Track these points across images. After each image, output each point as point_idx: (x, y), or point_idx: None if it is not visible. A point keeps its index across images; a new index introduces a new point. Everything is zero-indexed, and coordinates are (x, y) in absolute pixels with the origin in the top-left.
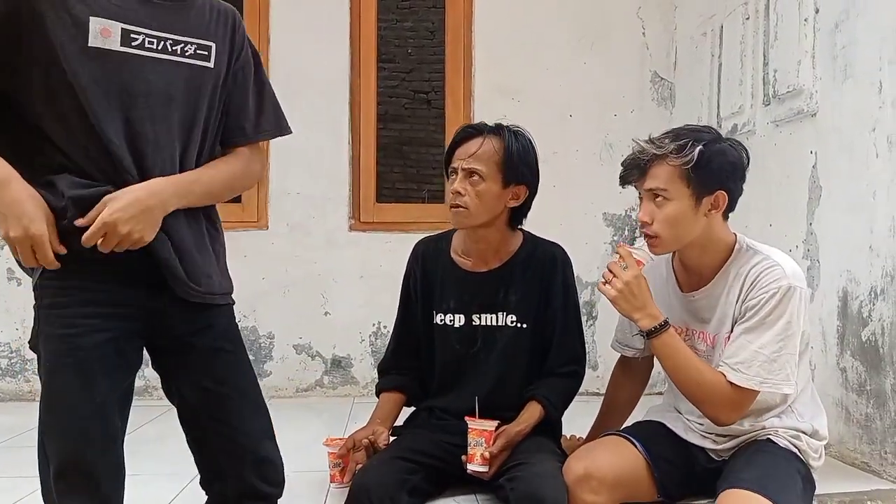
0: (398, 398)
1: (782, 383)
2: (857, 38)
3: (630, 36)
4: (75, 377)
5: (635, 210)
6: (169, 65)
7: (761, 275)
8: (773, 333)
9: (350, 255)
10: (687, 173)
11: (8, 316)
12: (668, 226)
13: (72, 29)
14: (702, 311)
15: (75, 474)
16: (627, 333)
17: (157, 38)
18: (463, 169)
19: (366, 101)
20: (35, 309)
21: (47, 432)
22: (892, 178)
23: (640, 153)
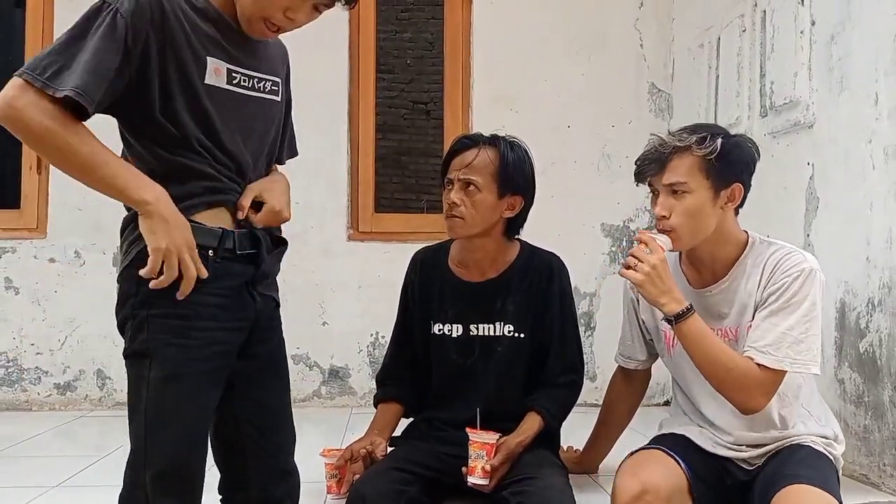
0: (396, 409)
1: (811, 363)
2: (852, 49)
3: (628, 47)
4: (191, 387)
5: (633, 221)
6: (256, 101)
7: (783, 259)
8: (799, 315)
9: (348, 264)
10: (708, 164)
11: (5, 325)
12: (687, 218)
13: (193, 65)
14: (718, 306)
15: (177, 478)
16: (630, 345)
17: (248, 77)
18: (459, 179)
19: (364, 111)
20: (133, 314)
21: (153, 435)
22: (889, 190)
23: (662, 146)
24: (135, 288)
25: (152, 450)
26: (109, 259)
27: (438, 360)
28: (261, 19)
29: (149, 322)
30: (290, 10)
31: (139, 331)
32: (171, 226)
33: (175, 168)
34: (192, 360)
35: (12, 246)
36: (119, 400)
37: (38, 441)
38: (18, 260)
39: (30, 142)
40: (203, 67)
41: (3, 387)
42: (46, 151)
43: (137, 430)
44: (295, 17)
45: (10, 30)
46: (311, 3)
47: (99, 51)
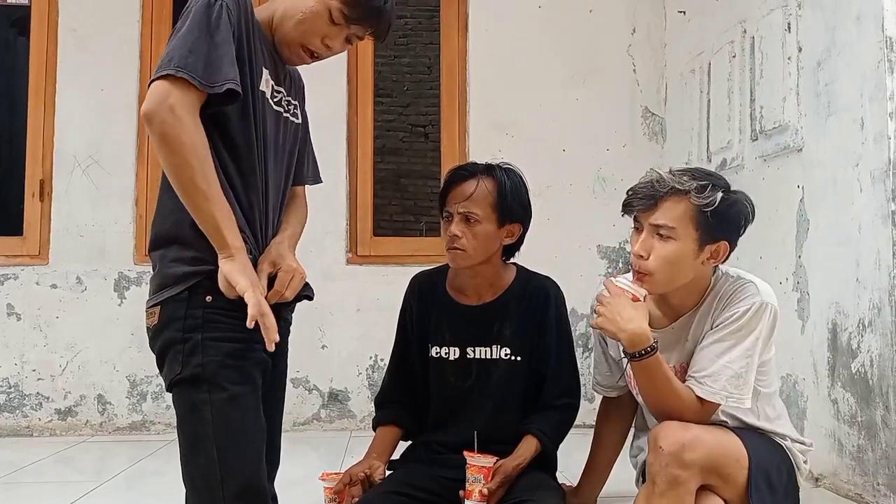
0: (395, 432)
1: (745, 398)
2: (838, 75)
3: (621, 72)
4: (251, 406)
5: (629, 243)
6: (283, 120)
7: (736, 292)
8: (742, 349)
9: (347, 288)
10: (701, 216)
11: (7, 351)
12: (665, 265)
13: (247, 66)
14: (673, 343)
15: (255, 494)
16: (608, 375)
17: (285, 100)
18: (459, 213)
19: (363, 136)
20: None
21: (226, 456)
22: (877, 212)
23: (659, 183)
24: (183, 311)
25: (228, 471)
26: (111, 285)
27: (436, 383)
28: (300, 45)
29: (203, 345)
30: (327, 37)
31: (192, 354)
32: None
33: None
34: (248, 381)
35: (14, 272)
36: (119, 425)
37: (39, 467)
38: (20, 286)
39: (166, 150)
40: (260, 77)
41: (5, 412)
42: (178, 164)
43: (207, 453)
44: (332, 45)
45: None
46: (346, 33)
47: (227, 43)
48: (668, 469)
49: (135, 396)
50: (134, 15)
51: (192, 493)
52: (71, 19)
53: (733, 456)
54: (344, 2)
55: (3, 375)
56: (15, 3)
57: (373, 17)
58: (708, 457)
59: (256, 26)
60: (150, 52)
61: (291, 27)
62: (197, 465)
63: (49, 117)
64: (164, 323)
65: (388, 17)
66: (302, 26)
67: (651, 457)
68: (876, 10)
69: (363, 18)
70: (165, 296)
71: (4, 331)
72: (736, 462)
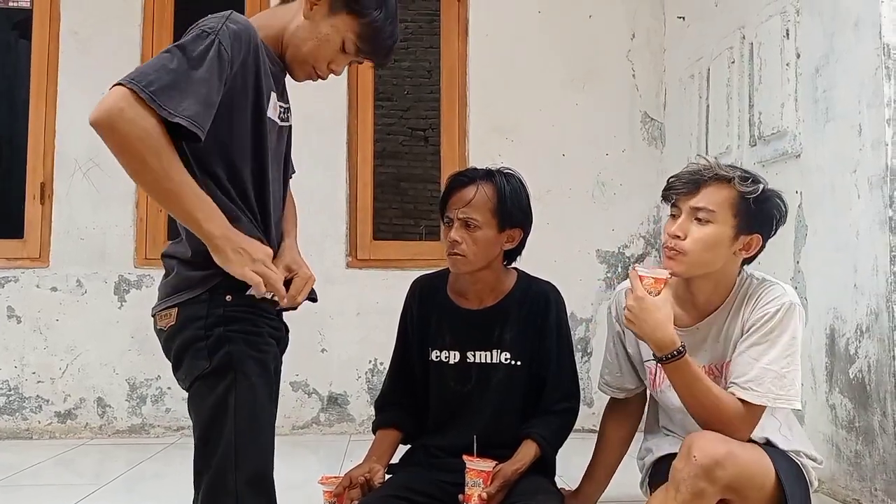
0: (394, 435)
1: (793, 399)
2: (836, 82)
3: (620, 77)
4: (266, 396)
5: (628, 247)
6: (281, 131)
7: (763, 294)
8: (779, 349)
9: (347, 292)
10: (743, 203)
11: (7, 354)
12: (701, 246)
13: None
14: (702, 344)
15: (263, 482)
16: (619, 376)
17: (283, 109)
18: (459, 218)
19: (363, 139)
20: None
21: (244, 442)
22: (874, 218)
23: (705, 168)
24: (205, 311)
25: (243, 458)
26: (111, 287)
27: (436, 387)
28: (310, 66)
29: (227, 337)
30: (334, 62)
31: (218, 347)
32: (245, 250)
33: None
34: (266, 373)
35: (14, 275)
36: (119, 428)
37: (39, 469)
38: (21, 289)
39: (124, 155)
40: (268, 102)
41: (4, 415)
42: (137, 168)
43: (227, 438)
44: (336, 70)
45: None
46: (350, 59)
47: (208, 82)
48: (695, 480)
49: (134, 399)
50: (135, 18)
51: (206, 478)
52: (72, 22)
53: (759, 481)
54: (359, 36)
55: (3, 378)
56: (17, 6)
57: (382, 53)
58: (737, 477)
59: (263, 52)
60: (152, 54)
61: (304, 50)
62: (214, 451)
63: (50, 120)
64: (182, 323)
65: (393, 52)
66: (315, 51)
67: (680, 463)
68: (874, 17)
69: (373, 53)
70: (184, 297)
71: (4, 333)
72: (760, 488)
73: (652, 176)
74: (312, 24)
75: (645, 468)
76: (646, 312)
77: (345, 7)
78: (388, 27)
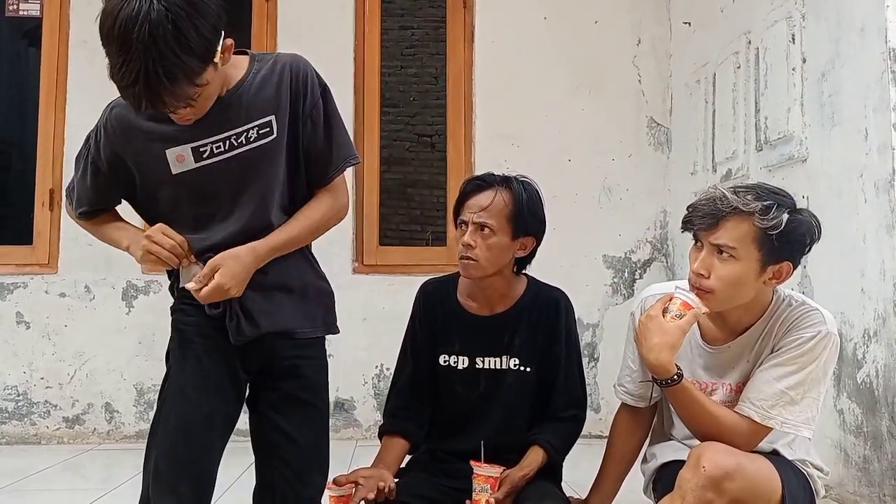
0: (402, 444)
1: (802, 426)
2: (842, 86)
3: (626, 83)
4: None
5: (634, 252)
6: (239, 158)
7: (801, 317)
8: (801, 375)
9: (353, 297)
10: (766, 237)
11: (15, 359)
12: (726, 285)
13: (156, 164)
14: (728, 363)
15: (171, 475)
16: (643, 383)
17: (222, 141)
18: (474, 223)
19: (369, 145)
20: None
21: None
22: (881, 223)
23: (721, 202)
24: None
25: (158, 439)
26: (119, 293)
27: (444, 392)
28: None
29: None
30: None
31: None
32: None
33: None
34: (197, 363)
35: (24, 281)
36: (126, 433)
37: (47, 474)
38: (30, 295)
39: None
40: (165, 162)
41: (13, 420)
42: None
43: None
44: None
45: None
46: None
47: (85, 175)
48: (703, 491)
49: (142, 405)
50: None
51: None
52: (81, 31)
53: (766, 493)
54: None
55: (12, 383)
56: (27, 15)
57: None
58: (745, 489)
59: (141, 126)
60: None
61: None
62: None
63: (59, 127)
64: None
65: (141, 98)
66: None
67: (688, 473)
68: (879, 22)
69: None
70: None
71: (13, 339)
72: (767, 501)
73: (658, 181)
74: None
75: (648, 473)
76: (648, 332)
77: None
78: (115, 73)
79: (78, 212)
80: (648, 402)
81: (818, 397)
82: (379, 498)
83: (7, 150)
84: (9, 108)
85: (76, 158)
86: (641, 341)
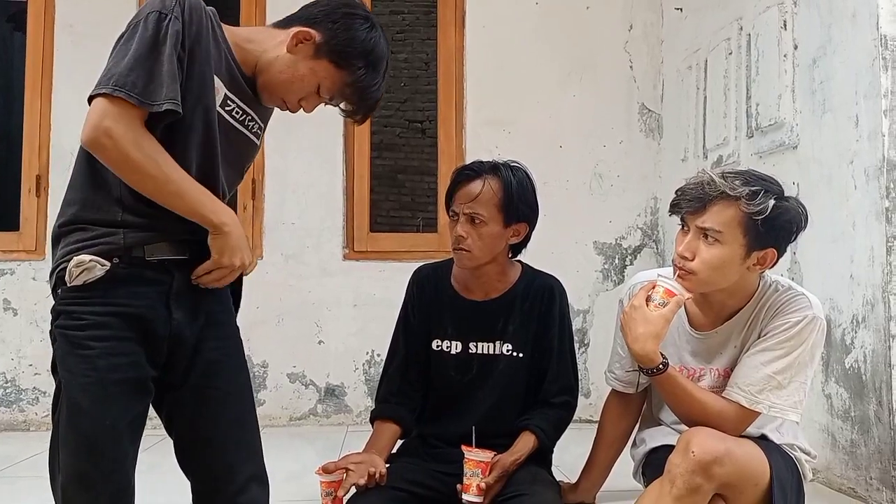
0: (394, 430)
1: (789, 410)
2: (834, 73)
3: (618, 69)
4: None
5: (625, 239)
6: (240, 135)
7: (788, 302)
8: (788, 360)
9: (344, 283)
10: (751, 223)
11: (3, 346)
12: (709, 268)
13: (201, 84)
14: (715, 348)
15: (81, 489)
16: (632, 371)
17: (242, 111)
18: (465, 213)
19: (360, 131)
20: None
21: (62, 444)
22: (871, 209)
23: (709, 185)
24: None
25: (62, 460)
26: None
27: (436, 377)
28: (280, 98)
29: (55, 336)
30: (304, 100)
31: (53, 343)
32: (242, 247)
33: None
34: (92, 370)
35: (10, 267)
36: None
37: (37, 461)
38: (17, 281)
39: (122, 171)
40: (210, 88)
41: (2, 407)
42: (137, 179)
43: (54, 444)
44: (306, 107)
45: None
46: (323, 101)
47: (171, 58)
48: (692, 476)
49: None
50: (131, 10)
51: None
52: (68, 15)
53: (755, 478)
54: (339, 88)
55: (0, 370)
56: None
57: (362, 110)
58: (733, 474)
59: (219, 39)
60: None
61: (277, 81)
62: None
63: (45, 112)
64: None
65: (375, 110)
66: (288, 85)
67: (677, 458)
68: (871, 8)
69: (353, 109)
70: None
71: (1, 326)
72: (755, 485)
73: (649, 167)
74: (292, 59)
75: (637, 458)
76: (633, 322)
77: (328, 56)
78: (371, 86)
79: (157, 104)
80: (637, 389)
81: (805, 381)
82: (370, 483)
83: None
84: None
85: (126, 36)
86: (626, 332)
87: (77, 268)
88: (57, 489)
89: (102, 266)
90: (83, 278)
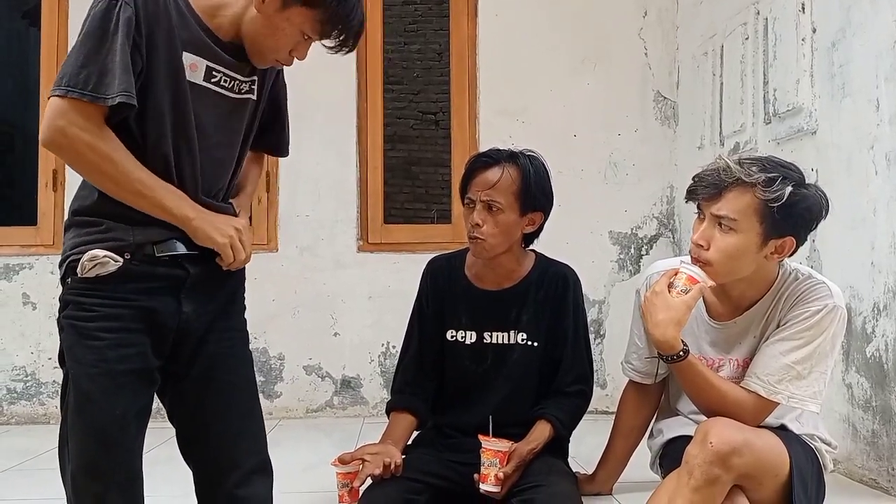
0: (410, 420)
1: (809, 400)
2: (853, 56)
3: (632, 56)
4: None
5: (641, 228)
6: (233, 101)
7: (807, 291)
8: (808, 350)
9: (358, 275)
10: (767, 210)
11: (23, 340)
12: (725, 257)
13: (169, 62)
14: (734, 338)
15: (91, 478)
16: (649, 360)
17: (230, 78)
18: (482, 201)
19: (373, 123)
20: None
21: (70, 434)
22: (892, 195)
23: (725, 172)
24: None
25: (71, 450)
26: None
27: (451, 367)
28: (272, 57)
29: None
30: (294, 50)
31: (61, 332)
32: (217, 223)
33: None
34: (101, 361)
35: (29, 262)
36: None
37: (56, 454)
38: (35, 276)
39: (80, 170)
40: (178, 65)
41: (22, 400)
42: (96, 179)
43: (64, 433)
44: (299, 56)
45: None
46: (311, 43)
47: (123, 47)
48: (710, 466)
49: None
50: None
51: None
52: (82, 10)
53: (774, 468)
54: (318, 26)
55: (20, 364)
56: None
57: (348, 39)
58: (752, 465)
59: (185, 13)
60: None
61: (261, 42)
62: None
63: None
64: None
65: (360, 34)
66: (272, 44)
67: (695, 448)
68: None
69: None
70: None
71: (20, 320)
72: (774, 476)
73: (665, 156)
74: (266, 17)
75: (654, 448)
76: (654, 308)
77: (295, 1)
78: (349, 13)
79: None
80: (655, 379)
81: (825, 371)
82: (385, 474)
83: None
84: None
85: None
86: (647, 317)
87: (90, 262)
88: (67, 478)
89: (115, 262)
90: (96, 272)
